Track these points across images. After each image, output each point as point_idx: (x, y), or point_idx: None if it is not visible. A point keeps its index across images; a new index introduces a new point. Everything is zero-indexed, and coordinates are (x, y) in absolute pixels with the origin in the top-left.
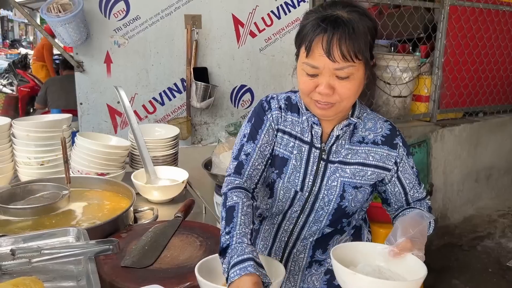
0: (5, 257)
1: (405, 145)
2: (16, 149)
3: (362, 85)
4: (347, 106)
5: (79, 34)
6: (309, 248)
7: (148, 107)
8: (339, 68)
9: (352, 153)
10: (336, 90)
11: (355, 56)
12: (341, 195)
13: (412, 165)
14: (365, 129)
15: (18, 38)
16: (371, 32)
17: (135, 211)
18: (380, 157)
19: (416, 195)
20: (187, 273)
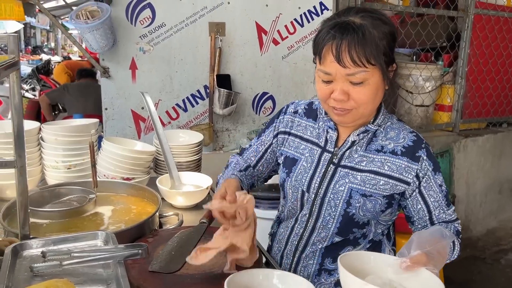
0: (36, 259)
1: (431, 160)
2: (45, 152)
3: (380, 90)
4: (366, 112)
5: (106, 40)
6: (318, 255)
7: (172, 113)
8: (350, 74)
9: (367, 161)
10: (351, 96)
11: (367, 61)
12: (348, 201)
13: (440, 183)
14: (386, 138)
15: (40, 44)
16: (388, 37)
17: (160, 216)
18: (397, 168)
19: (442, 216)
20: (214, 279)
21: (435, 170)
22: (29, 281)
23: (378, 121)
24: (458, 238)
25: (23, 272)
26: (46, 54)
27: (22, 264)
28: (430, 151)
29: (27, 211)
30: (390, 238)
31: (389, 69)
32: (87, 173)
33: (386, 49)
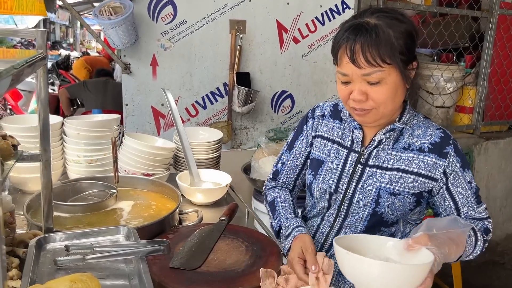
0: (59, 253)
1: (459, 156)
2: (67, 147)
3: (400, 89)
4: (386, 111)
5: (128, 36)
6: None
7: (191, 110)
8: (366, 74)
9: (394, 159)
10: (370, 96)
11: (381, 60)
12: (376, 200)
13: (469, 179)
14: (412, 135)
15: (59, 40)
16: (404, 35)
17: (180, 212)
18: (425, 165)
19: (471, 213)
20: (235, 277)
21: (463, 167)
22: (53, 274)
23: (404, 119)
24: (484, 235)
25: (47, 265)
26: (65, 49)
27: (46, 257)
28: (458, 147)
29: (51, 204)
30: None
31: (409, 67)
32: (108, 168)
33: (403, 47)
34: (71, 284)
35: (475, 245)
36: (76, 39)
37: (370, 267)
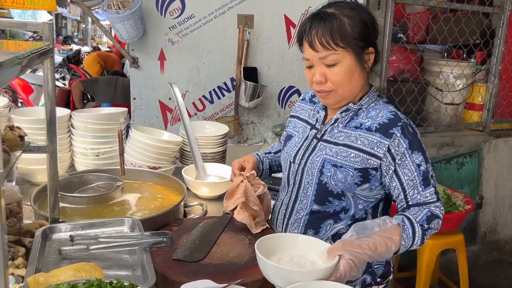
0: (64, 243)
1: (406, 137)
2: (74, 139)
3: (356, 72)
4: (344, 93)
5: (136, 30)
6: (302, 226)
7: (198, 105)
8: (323, 57)
9: (344, 136)
10: (328, 78)
11: (335, 44)
12: (321, 170)
13: (418, 162)
14: (366, 116)
15: (70, 34)
16: (360, 23)
17: (185, 205)
18: (369, 142)
19: (416, 197)
20: (237, 270)
21: (411, 149)
22: (58, 264)
23: (362, 101)
24: (425, 224)
25: (52, 255)
26: (76, 44)
27: (52, 247)
28: (409, 130)
29: (57, 195)
30: (377, 216)
31: (365, 52)
32: (114, 160)
33: (357, 34)
34: (75, 273)
35: (414, 237)
36: (87, 34)
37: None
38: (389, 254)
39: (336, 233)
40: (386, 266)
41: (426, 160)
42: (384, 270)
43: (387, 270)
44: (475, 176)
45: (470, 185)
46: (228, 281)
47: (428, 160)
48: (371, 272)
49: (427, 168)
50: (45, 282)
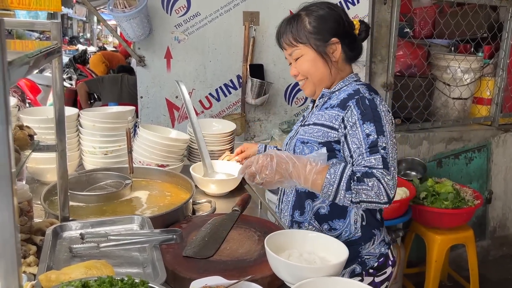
0: (75, 241)
1: (359, 108)
2: (83, 138)
3: (319, 62)
4: (315, 81)
5: (142, 29)
6: (290, 208)
7: (205, 103)
8: (290, 53)
9: (315, 117)
10: (298, 70)
11: (295, 40)
12: (293, 149)
13: (368, 132)
14: (336, 98)
15: (76, 35)
16: (318, 19)
17: (194, 203)
18: (329, 117)
19: (361, 162)
20: (247, 267)
21: (364, 119)
22: (69, 261)
23: (336, 86)
24: (361, 174)
25: (63, 253)
26: (82, 44)
27: (62, 245)
28: (362, 102)
29: (67, 194)
30: None
31: (328, 43)
32: (123, 159)
33: (316, 29)
34: (86, 270)
35: (340, 178)
36: (93, 34)
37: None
38: (298, 173)
39: (317, 212)
40: (382, 258)
41: (380, 132)
42: (379, 262)
43: (383, 263)
44: (484, 171)
45: (479, 180)
46: (238, 277)
47: (383, 132)
48: (360, 262)
49: (378, 139)
50: (56, 279)
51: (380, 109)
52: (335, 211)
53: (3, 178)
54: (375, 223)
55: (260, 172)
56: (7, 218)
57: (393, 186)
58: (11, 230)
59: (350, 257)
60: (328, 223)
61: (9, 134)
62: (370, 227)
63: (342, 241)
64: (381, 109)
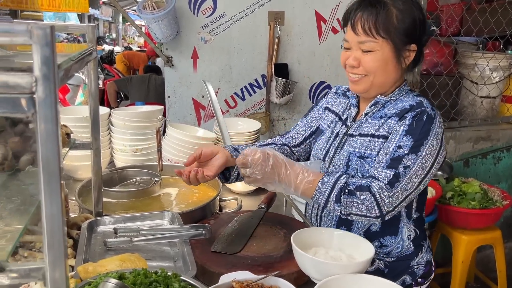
0: (109, 235)
1: (412, 122)
2: (114, 136)
3: (391, 64)
4: (376, 82)
5: (170, 30)
6: (334, 223)
7: (230, 102)
8: (361, 42)
9: (369, 126)
10: (362, 63)
11: (376, 32)
12: (347, 163)
13: (402, 144)
14: (393, 107)
15: (102, 35)
16: (408, 19)
17: (220, 200)
18: (389, 127)
19: (373, 171)
20: (273, 262)
21: (407, 132)
22: (103, 254)
23: (392, 94)
24: (353, 187)
25: (98, 246)
26: (108, 44)
27: (97, 239)
28: (422, 117)
29: (101, 190)
30: (411, 216)
31: (406, 47)
32: (152, 157)
33: (402, 28)
34: (121, 263)
35: (332, 189)
36: (119, 34)
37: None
38: (289, 181)
39: (368, 229)
40: (428, 266)
41: (414, 150)
42: (425, 270)
43: (429, 269)
44: None
45: (507, 180)
46: (265, 272)
47: (418, 152)
48: (410, 272)
49: (406, 156)
50: (93, 271)
51: (433, 129)
52: (387, 228)
53: (53, 174)
54: (424, 235)
55: (252, 167)
56: (55, 211)
57: (390, 204)
58: (59, 222)
59: (400, 269)
60: (379, 240)
61: (58, 133)
62: (419, 239)
63: (394, 257)
64: (434, 130)
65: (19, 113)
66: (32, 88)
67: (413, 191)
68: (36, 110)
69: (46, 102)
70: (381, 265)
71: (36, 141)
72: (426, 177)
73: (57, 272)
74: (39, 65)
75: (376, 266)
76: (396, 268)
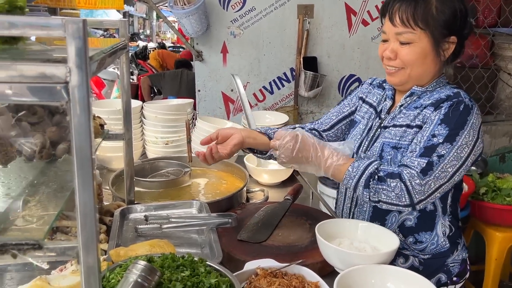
0: (140, 222)
1: (448, 111)
2: (146, 129)
3: (429, 57)
4: (413, 74)
5: (200, 25)
6: (367, 218)
7: (258, 96)
8: (399, 33)
9: (403, 117)
10: (398, 55)
11: (414, 23)
12: (380, 154)
13: (436, 133)
14: (429, 98)
15: (136, 31)
16: (449, 11)
17: (247, 191)
18: (423, 117)
19: (405, 159)
20: (298, 252)
21: (443, 122)
22: (134, 240)
23: (429, 86)
24: (384, 174)
25: (129, 232)
26: (142, 40)
27: (129, 225)
28: (458, 107)
29: (133, 179)
30: (446, 211)
31: (445, 40)
32: (182, 149)
33: (442, 20)
34: (150, 248)
35: (362, 174)
36: (152, 31)
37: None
38: (319, 163)
39: (402, 225)
40: (463, 264)
41: (450, 139)
42: (461, 268)
43: (464, 268)
44: None
45: None
46: (289, 261)
47: (454, 141)
48: (446, 270)
49: (441, 145)
50: (125, 255)
51: (469, 120)
52: (422, 223)
53: (86, 162)
54: (459, 232)
55: (281, 149)
56: (88, 196)
57: (422, 192)
58: (91, 206)
59: (436, 267)
60: (414, 235)
61: (91, 123)
62: (455, 236)
63: (429, 253)
64: (471, 120)
65: (55, 101)
66: (66, 78)
67: (447, 181)
68: (70, 98)
69: (79, 90)
70: (416, 262)
71: (70, 127)
72: (461, 168)
73: (90, 251)
74: (72, 56)
75: (411, 263)
76: (431, 266)
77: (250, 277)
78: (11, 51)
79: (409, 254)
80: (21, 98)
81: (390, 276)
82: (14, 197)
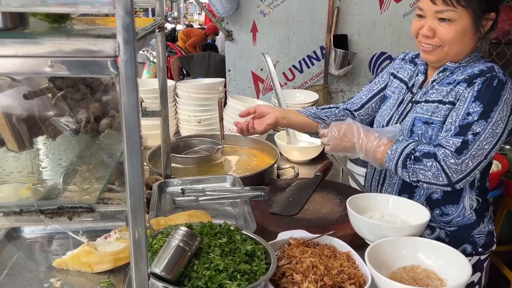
0: (177, 194)
1: (481, 88)
2: (179, 107)
3: (469, 35)
4: (450, 52)
5: (230, 4)
6: (396, 191)
7: (288, 75)
8: (439, 11)
9: (436, 93)
10: (437, 33)
11: (457, 1)
12: (411, 129)
13: (471, 111)
14: (462, 73)
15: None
16: None
17: (278, 168)
18: (456, 94)
19: (440, 139)
20: (329, 225)
21: (476, 98)
22: (172, 211)
23: (462, 61)
24: (420, 154)
25: (167, 204)
26: (170, 23)
27: (166, 198)
28: (492, 82)
29: (169, 155)
30: (474, 185)
31: (485, 16)
32: (214, 127)
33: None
34: (188, 217)
35: (400, 155)
36: (180, 13)
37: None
38: (361, 148)
39: (429, 197)
40: (489, 236)
41: (484, 116)
42: (487, 240)
43: (490, 240)
44: None
45: None
46: (321, 233)
47: (488, 118)
48: (471, 241)
49: (475, 122)
50: (165, 223)
51: (503, 95)
52: (449, 196)
53: (134, 130)
54: (487, 205)
55: (328, 136)
56: (136, 167)
57: (459, 171)
58: (139, 177)
59: (461, 238)
60: (441, 208)
61: (138, 95)
62: (482, 209)
63: (455, 225)
64: (505, 96)
65: (105, 75)
66: (115, 52)
67: (484, 158)
68: (119, 72)
69: (127, 64)
70: (442, 234)
71: (119, 99)
72: (497, 144)
73: (138, 214)
74: (121, 31)
75: (437, 234)
76: (457, 237)
77: (283, 246)
78: (61, 29)
79: (435, 226)
80: (74, 72)
81: (420, 247)
82: (65, 167)
